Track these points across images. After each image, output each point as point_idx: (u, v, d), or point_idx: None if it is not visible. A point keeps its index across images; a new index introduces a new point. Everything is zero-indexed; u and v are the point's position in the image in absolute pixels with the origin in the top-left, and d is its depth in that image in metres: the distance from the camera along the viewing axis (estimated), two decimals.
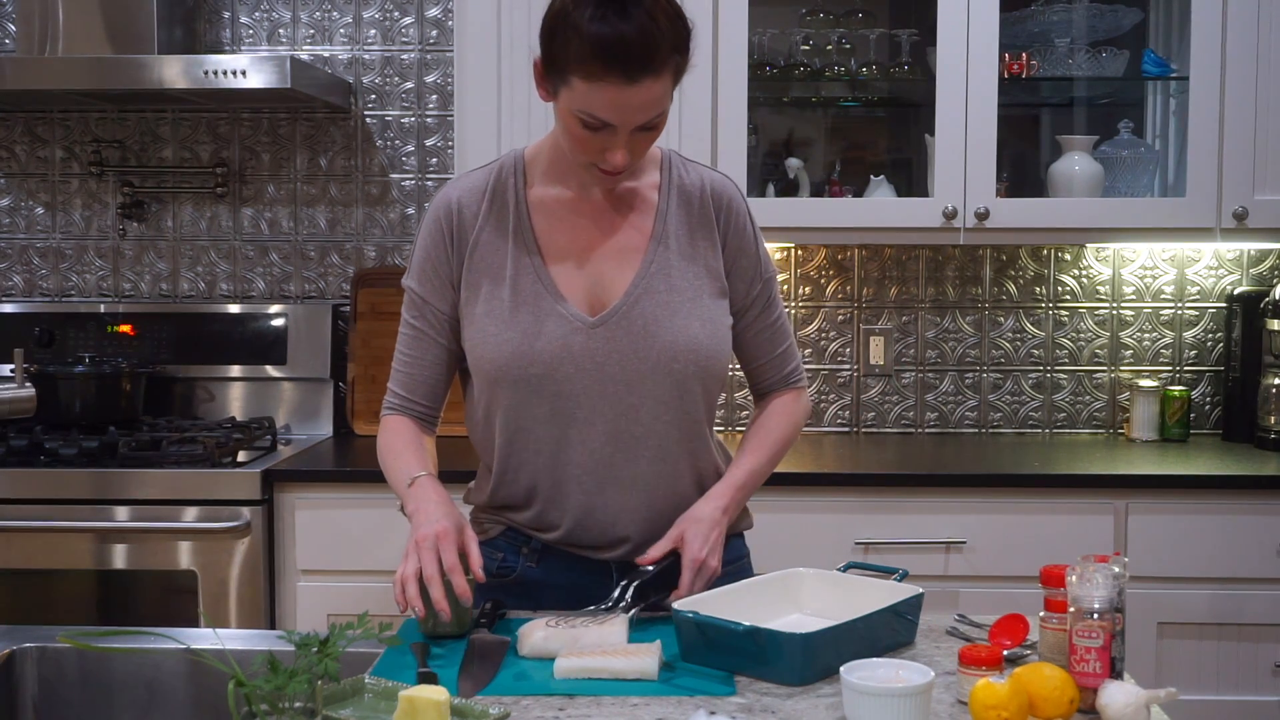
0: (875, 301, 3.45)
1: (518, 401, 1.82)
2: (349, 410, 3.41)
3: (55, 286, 3.55)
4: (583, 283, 1.83)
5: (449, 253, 1.86)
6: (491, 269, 1.84)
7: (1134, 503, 2.84)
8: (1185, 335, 3.43)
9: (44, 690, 1.77)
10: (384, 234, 3.50)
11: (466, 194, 1.87)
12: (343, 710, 1.45)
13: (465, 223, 1.86)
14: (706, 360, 1.83)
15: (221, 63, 2.99)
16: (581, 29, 1.65)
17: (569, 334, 1.80)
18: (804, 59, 3.23)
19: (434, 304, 1.88)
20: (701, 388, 1.85)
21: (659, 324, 1.81)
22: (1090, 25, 3.18)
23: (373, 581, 2.84)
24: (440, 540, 1.69)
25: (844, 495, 2.85)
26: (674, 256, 1.84)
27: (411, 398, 1.92)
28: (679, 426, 1.84)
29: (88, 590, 2.89)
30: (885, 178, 3.22)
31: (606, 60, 1.65)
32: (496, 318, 1.82)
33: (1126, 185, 3.19)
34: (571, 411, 1.81)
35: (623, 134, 1.71)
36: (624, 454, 1.83)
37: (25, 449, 2.95)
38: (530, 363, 1.79)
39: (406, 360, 1.92)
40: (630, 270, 1.83)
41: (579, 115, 1.70)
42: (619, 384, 1.80)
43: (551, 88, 1.73)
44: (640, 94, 1.68)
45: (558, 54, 1.68)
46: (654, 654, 1.57)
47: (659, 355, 1.80)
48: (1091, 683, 1.46)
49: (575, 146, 1.75)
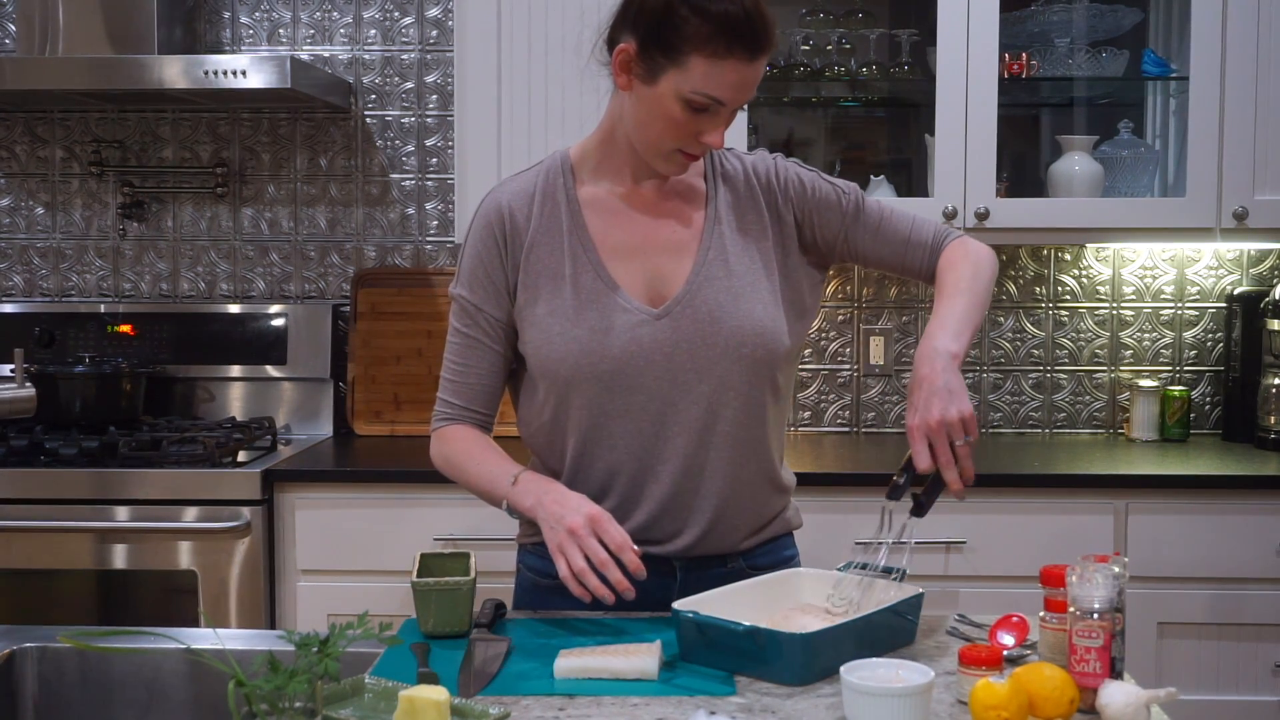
0: (875, 301, 3.45)
1: (591, 399, 1.81)
2: (349, 410, 3.41)
3: (55, 286, 3.55)
4: (642, 276, 1.83)
5: (502, 258, 1.85)
6: (549, 270, 1.83)
7: (1134, 503, 2.84)
8: (1185, 335, 3.43)
9: (44, 690, 1.77)
10: (384, 234, 3.50)
11: (516, 198, 1.87)
12: (343, 710, 1.45)
13: (518, 226, 1.85)
14: (774, 341, 1.83)
15: (221, 63, 2.99)
16: (705, 9, 1.67)
17: (635, 327, 1.80)
18: (804, 59, 3.23)
19: (487, 310, 1.86)
20: (769, 372, 1.84)
21: (723, 309, 1.81)
22: (1090, 25, 3.18)
23: (373, 581, 2.85)
24: (595, 524, 1.68)
25: (844, 495, 2.85)
26: (729, 243, 1.85)
27: (469, 407, 1.89)
28: (749, 412, 1.84)
29: (88, 590, 2.89)
30: (885, 178, 3.22)
31: (732, 38, 1.68)
32: (562, 317, 1.81)
33: (1126, 185, 3.19)
34: (646, 405, 1.81)
35: (726, 113, 1.74)
36: (702, 445, 1.83)
37: (25, 449, 2.95)
38: (601, 359, 1.79)
39: (460, 369, 1.89)
40: (688, 260, 1.84)
41: (690, 97, 1.70)
42: (690, 373, 1.80)
43: (649, 72, 1.72)
44: (756, 70, 1.73)
45: (671, 36, 1.69)
46: (654, 654, 1.57)
47: (727, 341, 1.80)
48: (1091, 683, 1.46)
49: (668, 131, 1.75)
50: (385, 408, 3.40)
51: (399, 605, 2.76)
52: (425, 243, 3.50)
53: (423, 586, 1.74)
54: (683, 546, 1.86)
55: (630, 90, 1.76)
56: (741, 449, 1.85)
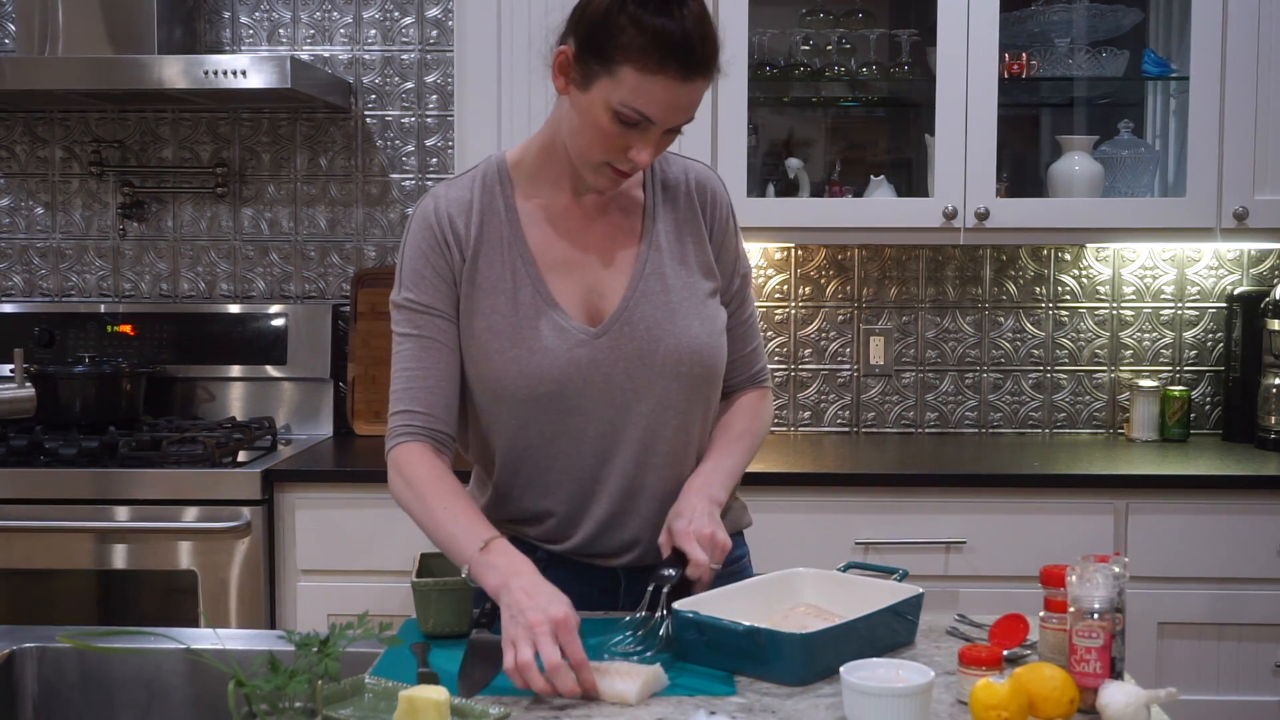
0: (875, 301, 3.45)
1: (526, 419, 1.78)
2: (349, 410, 3.41)
3: (55, 286, 3.55)
4: (579, 291, 1.80)
5: (448, 257, 1.80)
6: (489, 283, 1.79)
7: (1134, 503, 2.84)
8: (1185, 335, 3.43)
9: (44, 690, 1.77)
10: (384, 234, 3.50)
11: (454, 205, 1.81)
12: (343, 710, 1.45)
13: (459, 235, 1.80)
14: (711, 359, 1.82)
15: (221, 63, 2.99)
16: (642, 21, 1.63)
17: (573, 348, 1.76)
18: (804, 59, 3.23)
19: (439, 309, 1.79)
20: (708, 388, 1.84)
21: (660, 327, 1.78)
22: (1090, 25, 3.18)
23: (373, 581, 2.84)
24: (560, 629, 1.52)
25: (844, 495, 2.85)
26: (665, 256, 1.82)
27: (431, 414, 1.78)
28: (687, 430, 1.83)
29: (88, 590, 2.89)
30: (885, 178, 3.22)
31: (665, 54, 1.63)
32: (499, 335, 1.77)
33: (1126, 185, 3.19)
34: (584, 426, 1.78)
35: (656, 132, 1.69)
36: (641, 464, 1.81)
37: (25, 449, 2.95)
38: (539, 380, 1.75)
39: (416, 373, 1.79)
40: (624, 274, 1.81)
41: (618, 109, 1.66)
42: (628, 393, 1.78)
43: (584, 78, 1.68)
44: (690, 93, 1.68)
45: (606, 43, 1.64)
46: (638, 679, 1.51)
47: (664, 359, 1.78)
48: (1091, 683, 1.46)
49: (596, 143, 1.70)
50: (385, 408, 3.33)
51: (399, 605, 2.77)
52: None
53: (423, 586, 1.74)
54: (625, 562, 1.85)
55: (567, 94, 1.72)
56: (678, 467, 1.83)
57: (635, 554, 1.85)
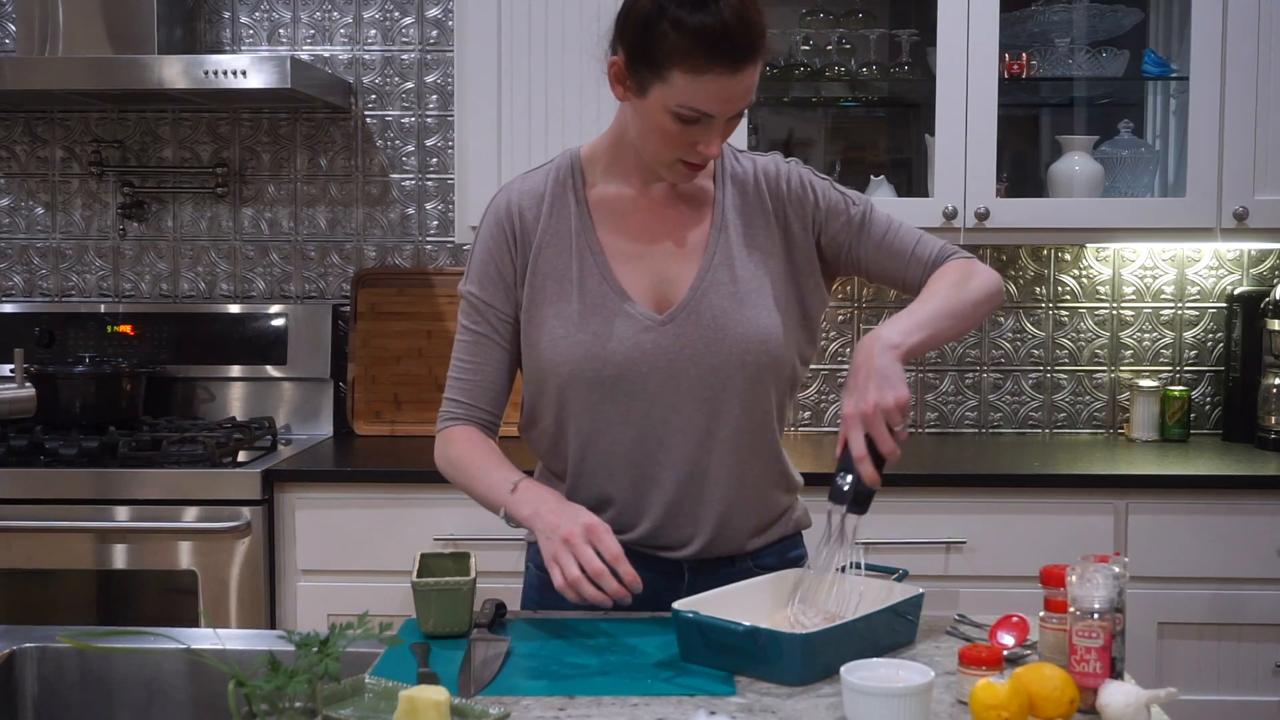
0: (875, 301, 3.45)
1: (593, 405, 1.81)
2: (349, 410, 3.41)
3: (55, 286, 3.55)
4: (648, 281, 1.82)
5: (512, 254, 1.85)
6: (556, 272, 1.83)
7: (1134, 503, 2.84)
8: (1185, 335, 3.43)
9: (44, 690, 1.77)
10: (384, 234, 3.50)
11: (525, 197, 1.86)
12: (343, 710, 1.45)
13: (528, 226, 1.84)
14: (777, 349, 1.82)
15: (221, 63, 2.99)
16: (682, 22, 1.63)
17: (639, 333, 1.79)
18: (804, 59, 3.23)
19: (497, 307, 1.85)
20: (774, 379, 1.84)
21: (728, 316, 1.80)
22: (1090, 25, 3.18)
23: (373, 581, 2.85)
24: (591, 534, 1.65)
25: None
26: (735, 247, 1.83)
27: (476, 405, 1.88)
28: (753, 419, 1.84)
29: (88, 590, 2.89)
30: (885, 178, 3.22)
31: (710, 51, 1.64)
32: (566, 320, 1.81)
33: (1126, 185, 3.19)
34: (648, 411, 1.80)
35: (719, 124, 1.71)
36: (704, 450, 1.82)
37: (25, 449, 2.95)
38: (604, 364, 1.78)
39: (468, 367, 1.88)
40: (694, 264, 1.83)
41: (676, 110, 1.68)
42: (694, 380, 1.80)
43: (639, 86, 1.70)
44: (742, 82, 1.69)
45: (652, 51, 1.66)
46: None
47: (731, 348, 1.79)
48: (1091, 683, 1.46)
49: (664, 143, 1.73)
50: (385, 408, 3.40)
51: (399, 605, 2.76)
52: (425, 243, 3.50)
53: (423, 586, 1.74)
54: (691, 552, 1.86)
55: (627, 101, 1.75)
56: (745, 451, 1.85)
57: (698, 545, 1.86)
